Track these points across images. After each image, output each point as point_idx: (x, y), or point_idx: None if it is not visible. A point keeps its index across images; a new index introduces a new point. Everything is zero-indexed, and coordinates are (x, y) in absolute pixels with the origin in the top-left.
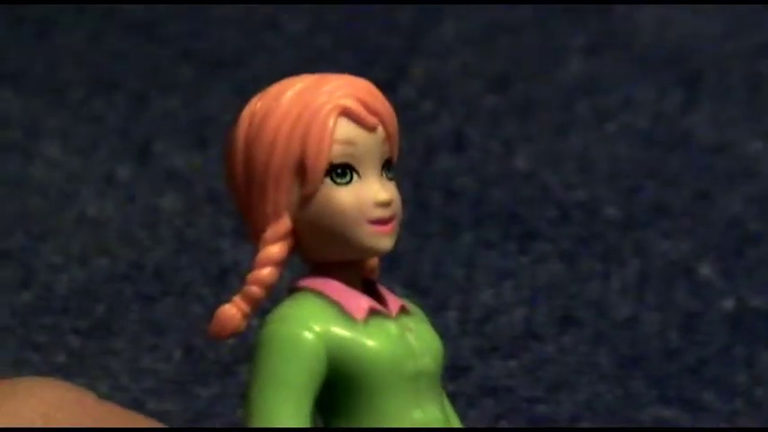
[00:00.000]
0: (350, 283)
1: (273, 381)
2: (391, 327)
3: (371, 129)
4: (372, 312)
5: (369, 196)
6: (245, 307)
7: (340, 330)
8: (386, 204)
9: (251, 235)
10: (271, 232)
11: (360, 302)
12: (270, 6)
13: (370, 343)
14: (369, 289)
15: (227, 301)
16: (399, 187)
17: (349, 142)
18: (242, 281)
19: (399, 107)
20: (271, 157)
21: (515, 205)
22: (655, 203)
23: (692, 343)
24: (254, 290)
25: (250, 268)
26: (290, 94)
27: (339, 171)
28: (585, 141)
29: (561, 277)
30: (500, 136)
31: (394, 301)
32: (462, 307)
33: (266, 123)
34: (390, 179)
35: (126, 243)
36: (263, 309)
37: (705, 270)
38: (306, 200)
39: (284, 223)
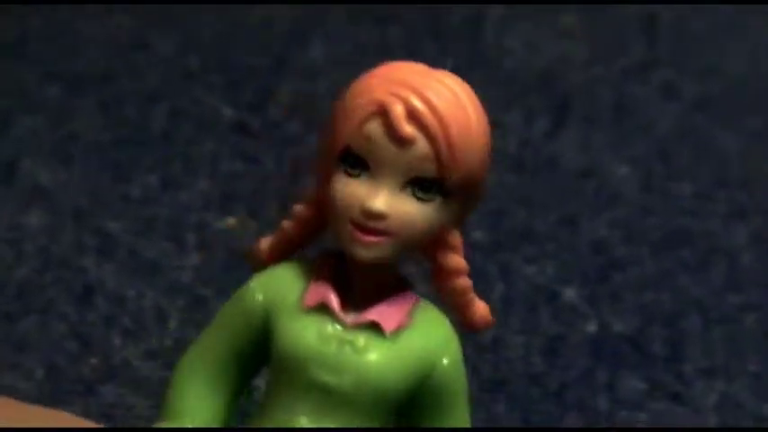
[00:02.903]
0: (356, 277)
1: (219, 312)
2: (329, 329)
3: (402, 144)
4: (322, 308)
5: (360, 196)
6: (269, 245)
7: (283, 303)
8: (372, 215)
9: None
10: (304, 192)
11: (319, 293)
12: (138, 26)
13: (287, 329)
14: (381, 297)
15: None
16: (265, 206)
17: (370, 141)
18: (106, 300)
19: (268, 127)
20: (327, 128)
21: None
22: (520, 228)
23: (554, 367)
24: (276, 235)
25: None
26: (368, 76)
27: (351, 161)
28: None
29: (426, 300)
30: None
31: (371, 315)
32: None
33: (341, 97)
34: (420, 199)
35: None
36: None
37: (569, 294)
38: (327, 176)
39: (315, 190)
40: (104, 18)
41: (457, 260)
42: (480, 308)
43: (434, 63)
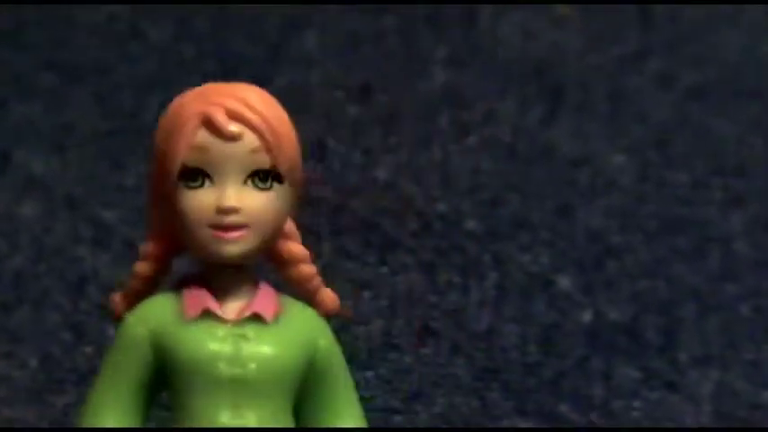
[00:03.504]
0: (223, 283)
1: (105, 364)
2: (219, 330)
3: (230, 139)
4: (205, 314)
5: (211, 201)
6: (126, 296)
7: (166, 326)
8: (227, 211)
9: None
10: (148, 229)
11: (198, 303)
12: (133, 15)
13: (184, 341)
14: (251, 293)
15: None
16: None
17: (202, 149)
18: (100, 289)
19: None
20: (153, 157)
21: (376, 216)
22: (515, 216)
23: (549, 355)
24: (131, 281)
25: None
26: (178, 100)
27: (190, 175)
28: (447, 153)
29: (420, 288)
30: (361, 146)
31: (249, 309)
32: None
33: (159, 126)
34: (262, 189)
35: None
36: None
37: (564, 283)
38: (168, 200)
39: (157, 221)
40: (99, 7)
41: (296, 247)
42: (328, 293)
43: (429, 51)
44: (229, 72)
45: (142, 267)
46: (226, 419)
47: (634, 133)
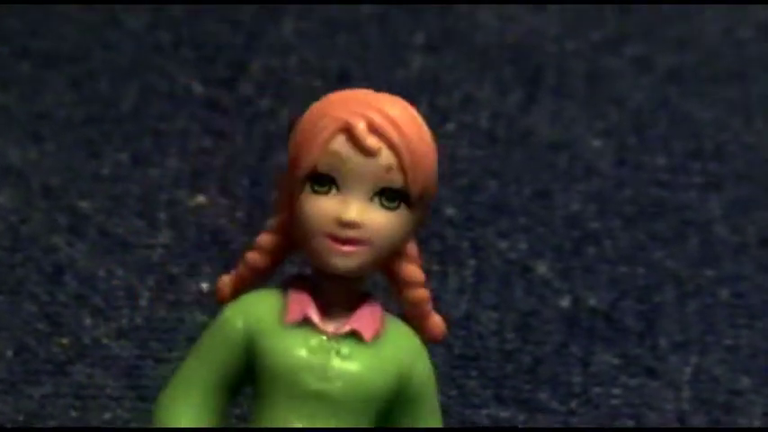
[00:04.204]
0: (330, 293)
1: (194, 349)
2: (313, 341)
3: (367, 152)
4: (305, 322)
5: (333, 211)
6: (233, 281)
7: (263, 326)
8: (348, 225)
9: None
10: (269, 222)
11: (300, 309)
12: (109, 2)
13: (276, 345)
14: (356, 308)
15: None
16: (235, 183)
17: (336, 156)
18: (76, 279)
19: (239, 103)
20: (290, 154)
21: None
22: (493, 202)
23: (528, 342)
24: (240, 268)
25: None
26: (323, 101)
27: (319, 179)
28: None
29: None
30: None
31: (349, 324)
32: None
33: (298, 125)
34: (388, 208)
35: None
36: None
37: (542, 269)
38: (294, 200)
39: (279, 217)
40: None
41: (415, 271)
42: (436, 319)
43: (407, 38)
44: (205, 59)
45: (253, 257)
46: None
47: (612, 117)
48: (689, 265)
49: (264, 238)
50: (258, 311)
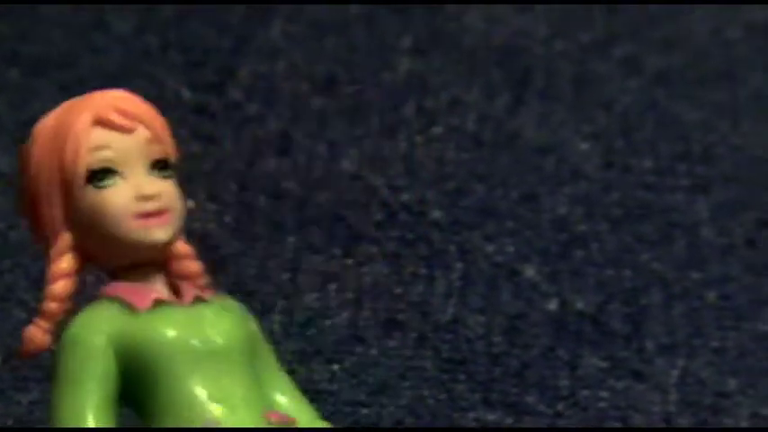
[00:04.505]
0: (147, 279)
1: (67, 380)
2: (178, 313)
3: (128, 131)
4: (158, 303)
5: (129, 193)
6: (45, 324)
7: (123, 324)
8: (149, 198)
9: (43, 251)
10: (55, 248)
11: (145, 295)
12: (97, 7)
13: (152, 327)
14: (170, 286)
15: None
16: (223, 188)
17: (104, 147)
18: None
19: (228, 108)
20: (39, 174)
21: (341, 208)
22: (481, 205)
23: (515, 346)
24: (52, 306)
25: (45, 284)
26: (55, 113)
27: (99, 176)
28: (412, 143)
29: (386, 280)
30: (326, 138)
31: (189, 293)
32: (286, 310)
33: (36, 143)
34: (166, 177)
35: None
36: None
37: (529, 272)
38: (76, 210)
39: (64, 238)
40: None
41: (182, 245)
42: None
43: (394, 40)
44: (193, 64)
45: (61, 287)
46: (212, 391)
47: (599, 120)
48: (676, 268)
49: (62, 265)
50: (106, 319)
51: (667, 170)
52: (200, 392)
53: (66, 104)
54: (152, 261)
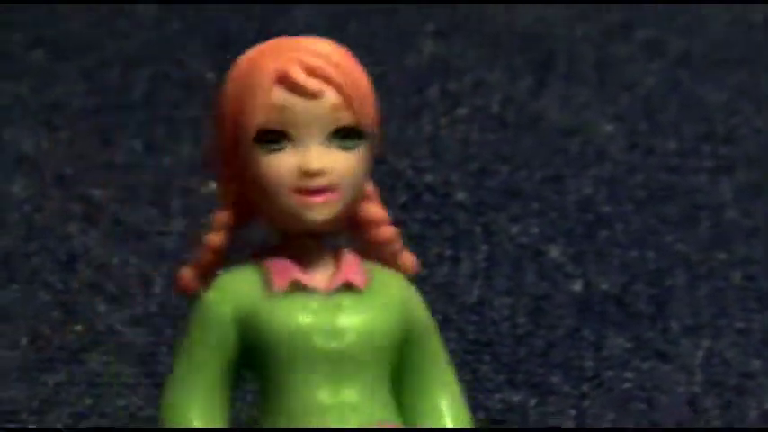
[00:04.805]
0: (306, 253)
1: (187, 341)
2: (312, 303)
3: (311, 96)
4: (295, 286)
5: (294, 164)
6: (197, 269)
7: (253, 301)
8: (314, 174)
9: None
10: (220, 198)
11: (286, 273)
12: None
13: (277, 314)
14: (335, 260)
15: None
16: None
17: (281, 109)
18: (90, 267)
19: None
20: (223, 121)
21: None
22: (505, 187)
23: (540, 327)
24: (203, 254)
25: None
26: (246, 57)
27: (269, 138)
28: (436, 125)
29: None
30: None
31: (340, 277)
32: None
33: (226, 87)
34: (346, 148)
35: None
36: None
37: (554, 253)
38: (245, 166)
39: (229, 190)
40: None
41: (378, 209)
42: (407, 255)
43: (417, 25)
44: (217, 47)
45: (215, 239)
46: (323, 397)
47: (623, 102)
48: (700, 249)
49: (219, 216)
50: (241, 289)
51: (691, 152)
52: (306, 393)
53: (261, 47)
54: (314, 232)
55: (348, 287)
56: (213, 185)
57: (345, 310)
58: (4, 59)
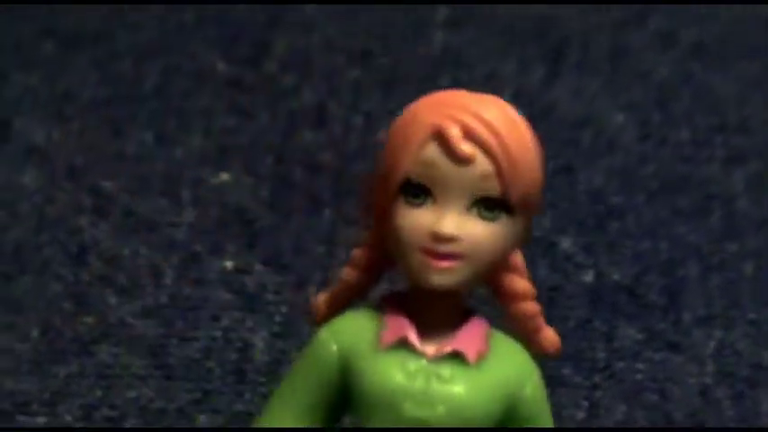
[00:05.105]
0: (428, 310)
1: (291, 371)
2: (412, 364)
3: (462, 162)
4: (401, 344)
5: (428, 223)
6: (329, 300)
7: (358, 348)
8: (444, 239)
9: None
10: (362, 236)
11: (397, 329)
12: None
13: (372, 371)
14: (458, 326)
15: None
16: (259, 161)
17: (429, 164)
18: (101, 259)
19: (263, 81)
20: (380, 162)
21: None
22: None
23: (551, 317)
24: (336, 286)
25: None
26: (416, 104)
27: (413, 191)
28: None
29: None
30: (362, 110)
31: (451, 345)
32: (323, 283)
33: (391, 129)
34: (487, 219)
35: None
36: None
37: (566, 244)
38: (386, 211)
39: (373, 231)
40: None
41: (523, 283)
42: (549, 333)
43: (428, 14)
44: (229, 37)
45: (349, 274)
46: None
47: (635, 92)
48: (712, 240)
49: (358, 253)
50: (353, 333)
51: (703, 142)
52: None
53: (427, 98)
54: (440, 293)
55: (456, 356)
56: (224, 176)
57: (444, 379)
58: (15, 50)
